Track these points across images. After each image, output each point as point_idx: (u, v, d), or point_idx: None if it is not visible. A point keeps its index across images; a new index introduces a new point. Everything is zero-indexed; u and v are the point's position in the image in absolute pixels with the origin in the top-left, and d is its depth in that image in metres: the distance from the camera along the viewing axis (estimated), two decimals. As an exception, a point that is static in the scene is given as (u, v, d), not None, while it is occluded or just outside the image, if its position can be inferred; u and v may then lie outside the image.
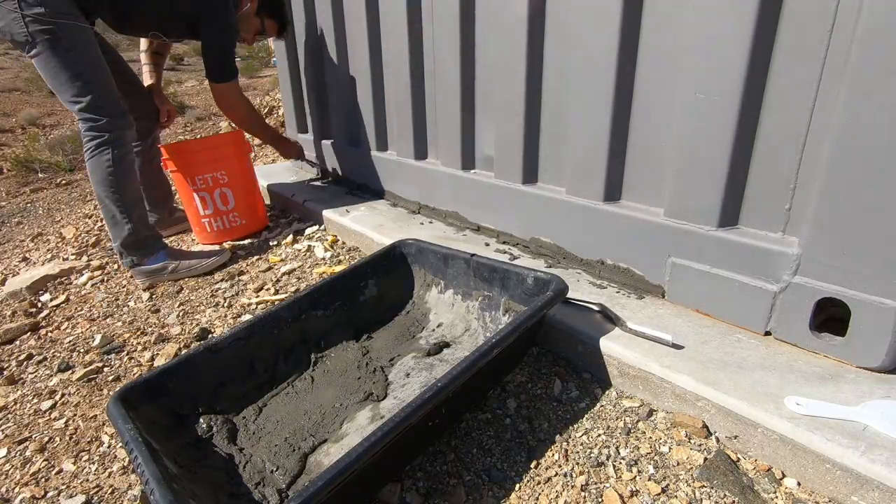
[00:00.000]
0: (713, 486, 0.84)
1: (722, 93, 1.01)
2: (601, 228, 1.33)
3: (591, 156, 1.30)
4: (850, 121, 0.86)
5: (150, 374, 1.00)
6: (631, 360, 1.03)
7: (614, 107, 1.22)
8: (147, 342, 1.47)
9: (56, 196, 3.55)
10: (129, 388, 0.96)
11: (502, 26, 1.42)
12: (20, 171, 4.24)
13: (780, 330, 1.04)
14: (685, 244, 1.16)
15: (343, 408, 1.08)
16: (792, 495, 0.81)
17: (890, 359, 0.91)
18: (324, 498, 0.67)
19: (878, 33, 0.81)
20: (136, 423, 0.87)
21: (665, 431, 0.96)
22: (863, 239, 0.89)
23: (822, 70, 0.92)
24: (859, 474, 0.75)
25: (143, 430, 0.87)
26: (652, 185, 1.24)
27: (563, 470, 0.90)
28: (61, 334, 1.62)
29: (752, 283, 1.06)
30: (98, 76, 1.62)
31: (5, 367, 1.47)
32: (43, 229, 2.87)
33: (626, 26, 1.15)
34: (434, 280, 1.39)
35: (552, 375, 1.13)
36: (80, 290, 1.92)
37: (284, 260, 1.91)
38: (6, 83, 9.65)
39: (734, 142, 1.03)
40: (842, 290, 0.93)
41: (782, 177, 1.02)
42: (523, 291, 1.18)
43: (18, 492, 1.01)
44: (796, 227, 1.02)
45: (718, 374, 0.95)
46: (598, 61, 1.21)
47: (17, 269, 2.31)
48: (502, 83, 1.47)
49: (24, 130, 7.54)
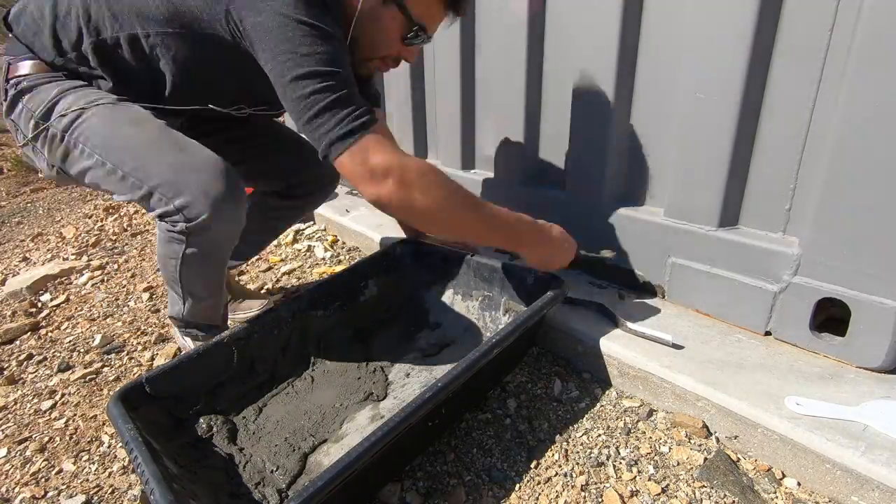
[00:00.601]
0: (713, 486, 0.84)
1: (722, 93, 1.01)
2: (601, 228, 1.33)
3: (591, 156, 1.30)
4: (850, 121, 0.86)
5: (149, 374, 1.00)
6: (631, 360, 1.03)
7: (615, 106, 1.22)
8: (147, 342, 1.47)
9: (56, 196, 3.55)
10: (129, 388, 0.96)
11: (504, 28, 1.41)
12: (20, 171, 4.24)
13: (780, 330, 1.04)
14: (685, 244, 1.16)
15: (343, 408, 1.08)
16: (792, 495, 0.81)
17: (890, 359, 0.91)
18: (324, 498, 0.67)
19: (878, 33, 0.81)
20: (136, 423, 0.87)
21: (665, 431, 0.96)
22: (863, 239, 0.89)
23: (822, 70, 0.92)
24: (859, 474, 0.75)
25: (143, 430, 0.86)
26: (652, 185, 1.24)
27: (563, 470, 0.90)
28: (61, 334, 1.62)
29: (752, 283, 1.06)
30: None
31: (5, 366, 1.47)
32: (43, 229, 2.87)
33: (625, 26, 1.14)
34: (434, 280, 1.39)
35: (552, 375, 1.13)
36: (80, 290, 1.92)
37: (284, 260, 1.91)
38: (6, 83, 9.57)
39: (734, 142, 1.03)
40: (842, 290, 0.93)
41: (782, 177, 1.02)
42: (523, 291, 1.18)
43: (18, 492, 1.01)
44: (796, 227, 1.02)
45: (718, 374, 0.95)
46: (598, 61, 1.21)
47: (17, 268, 2.31)
48: (501, 84, 1.47)
49: (24, 130, 7.48)
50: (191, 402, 1.04)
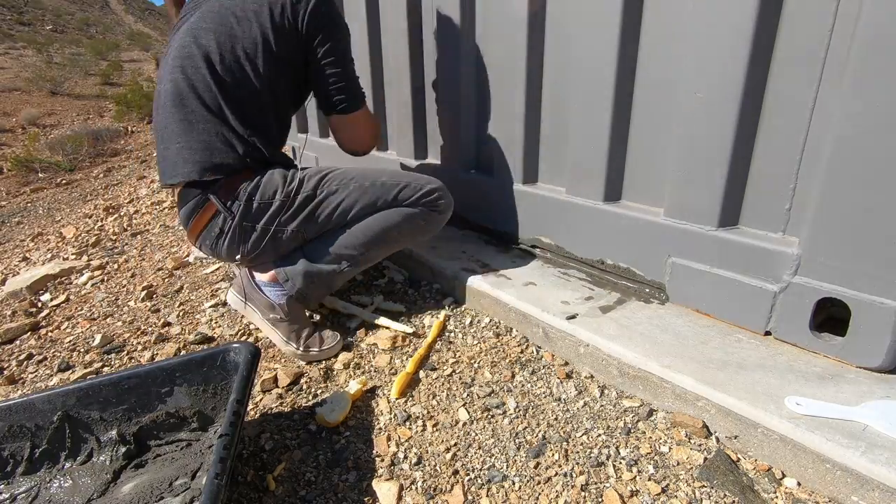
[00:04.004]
0: (713, 486, 0.84)
1: (722, 93, 1.02)
2: (601, 228, 1.33)
3: (591, 156, 1.30)
4: (850, 121, 0.86)
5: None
6: (631, 360, 1.03)
7: (614, 106, 1.22)
8: (147, 342, 1.47)
9: (56, 196, 3.55)
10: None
11: (505, 25, 1.42)
12: (20, 171, 4.24)
13: (780, 330, 1.04)
14: (685, 244, 1.16)
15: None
16: (792, 495, 0.81)
17: (890, 359, 0.91)
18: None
19: (878, 33, 0.81)
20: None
21: (665, 431, 0.96)
22: (863, 239, 0.89)
23: (822, 70, 0.92)
24: (859, 474, 0.75)
25: None
26: (652, 185, 1.24)
27: (563, 470, 0.90)
28: (61, 334, 1.62)
29: (752, 283, 1.06)
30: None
31: (5, 366, 1.47)
32: (43, 229, 2.87)
33: (626, 26, 1.15)
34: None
35: (552, 375, 1.13)
36: (80, 290, 1.92)
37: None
38: (6, 83, 9.66)
39: (734, 142, 1.03)
40: (842, 289, 0.93)
41: (782, 177, 1.02)
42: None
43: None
44: (796, 227, 1.02)
45: (718, 374, 0.95)
46: (599, 61, 1.21)
47: (17, 268, 2.31)
48: (500, 83, 1.47)
49: (24, 130, 7.55)
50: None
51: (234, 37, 1.20)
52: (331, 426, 1.03)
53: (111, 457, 0.96)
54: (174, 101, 1.20)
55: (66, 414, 0.96)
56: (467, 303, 1.42)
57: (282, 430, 1.04)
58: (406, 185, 1.28)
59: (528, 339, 1.25)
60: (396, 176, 1.31)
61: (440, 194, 1.31)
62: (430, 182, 1.31)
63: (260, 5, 1.20)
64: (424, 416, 1.04)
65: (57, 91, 10.39)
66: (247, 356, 0.95)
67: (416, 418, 1.04)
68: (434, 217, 1.32)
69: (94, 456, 0.97)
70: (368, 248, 1.28)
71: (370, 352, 1.27)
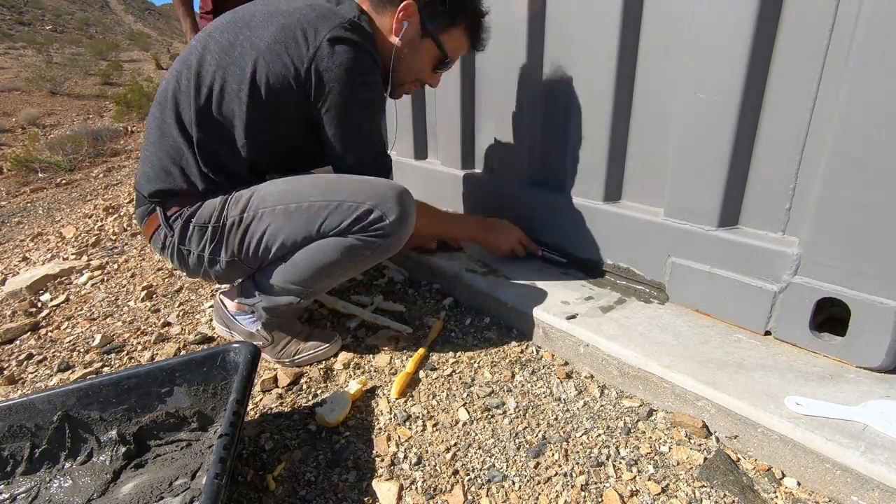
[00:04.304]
0: (713, 486, 0.84)
1: (722, 93, 1.01)
2: (601, 228, 1.33)
3: (589, 156, 1.30)
4: (850, 121, 0.86)
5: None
6: (631, 360, 1.03)
7: (614, 106, 1.22)
8: (147, 342, 1.47)
9: (56, 196, 3.55)
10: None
11: (503, 26, 1.42)
12: (20, 170, 4.25)
13: (780, 330, 1.04)
14: (685, 244, 1.16)
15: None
16: (792, 495, 0.81)
17: (890, 359, 0.91)
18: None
19: (878, 33, 0.81)
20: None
21: (665, 431, 0.96)
22: (863, 239, 0.89)
23: (822, 70, 0.92)
24: (859, 474, 0.75)
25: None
26: (652, 185, 1.24)
27: (563, 470, 0.90)
28: (61, 334, 1.62)
29: (752, 283, 1.06)
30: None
31: (5, 366, 1.47)
32: (43, 229, 2.87)
33: (626, 26, 1.15)
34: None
35: (552, 375, 1.13)
36: (80, 290, 1.92)
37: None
38: (6, 83, 9.67)
39: (734, 142, 1.03)
40: (842, 289, 0.93)
41: (782, 177, 1.02)
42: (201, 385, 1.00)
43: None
44: (796, 227, 1.02)
45: (718, 374, 0.95)
46: (598, 61, 1.21)
47: (17, 268, 2.31)
48: (501, 92, 1.47)
49: (24, 130, 7.55)
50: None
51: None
52: (331, 426, 1.03)
53: (111, 457, 0.96)
54: (160, 102, 1.12)
55: (66, 414, 0.96)
56: (467, 303, 1.42)
57: (282, 430, 1.04)
58: (336, 206, 1.04)
59: (528, 339, 1.25)
60: (329, 192, 1.06)
61: (381, 213, 1.03)
62: (372, 196, 1.04)
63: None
64: (424, 416, 1.04)
65: (57, 91, 10.38)
66: (247, 356, 0.95)
67: (416, 418, 1.04)
68: (378, 244, 1.06)
69: (94, 456, 0.97)
70: (314, 281, 1.12)
71: (370, 352, 1.27)
